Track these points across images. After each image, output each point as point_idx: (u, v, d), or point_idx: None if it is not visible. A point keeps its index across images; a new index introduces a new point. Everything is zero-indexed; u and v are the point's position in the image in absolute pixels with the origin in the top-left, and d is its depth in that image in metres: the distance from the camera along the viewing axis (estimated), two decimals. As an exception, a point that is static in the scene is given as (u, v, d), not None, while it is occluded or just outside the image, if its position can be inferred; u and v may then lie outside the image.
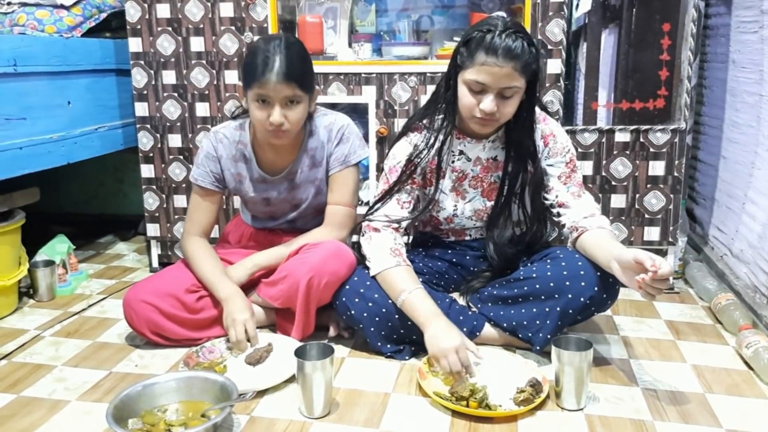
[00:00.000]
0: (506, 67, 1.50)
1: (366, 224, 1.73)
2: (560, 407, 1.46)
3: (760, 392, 1.54)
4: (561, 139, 1.72)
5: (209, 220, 1.86)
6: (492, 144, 1.73)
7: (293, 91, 1.65)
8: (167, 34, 2.24)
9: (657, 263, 1.33)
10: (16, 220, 2.02)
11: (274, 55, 1.63)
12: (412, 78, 2.16)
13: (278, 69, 1.62)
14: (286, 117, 1.67)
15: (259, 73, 1.63)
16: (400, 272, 1.64)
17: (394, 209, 1.72)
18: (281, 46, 1.65)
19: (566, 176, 1.71)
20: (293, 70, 1.64)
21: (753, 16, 2.07)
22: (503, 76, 1.51)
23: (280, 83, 1.63)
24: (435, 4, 2.48)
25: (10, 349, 1.79)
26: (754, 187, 2.05)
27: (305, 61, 1.71)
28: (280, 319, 1.83)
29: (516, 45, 1.50)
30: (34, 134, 2.06)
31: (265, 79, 1.62)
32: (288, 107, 1.67)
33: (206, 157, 1.83)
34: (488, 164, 1.74)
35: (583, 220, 1.65)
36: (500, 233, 1.75)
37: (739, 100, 2.20)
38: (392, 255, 1.66)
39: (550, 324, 1.62)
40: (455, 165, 1.75)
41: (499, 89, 1.54)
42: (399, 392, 1.54)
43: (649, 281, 1.34)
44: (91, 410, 1.47)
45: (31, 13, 2.29)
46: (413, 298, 1.59)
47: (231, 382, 1.41)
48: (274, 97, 1.65)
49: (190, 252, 1.81)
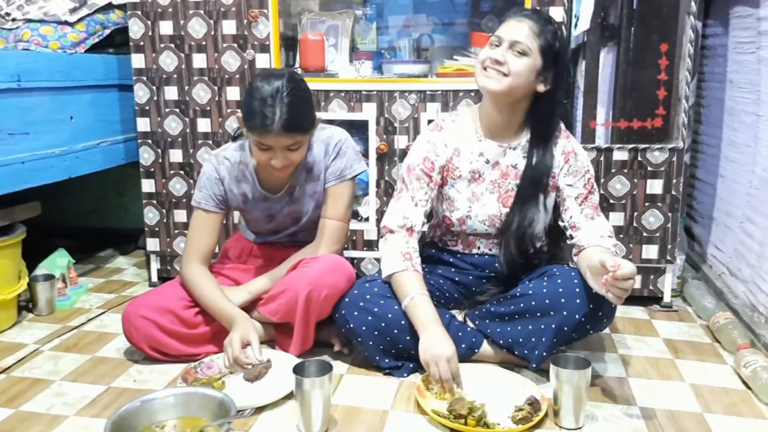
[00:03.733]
0: (522, 23, 1.62)
1: (383, 225, 1.74)
2: (558, 426, 1.46)
3: (759, 412, 1.54)
4: (581, 158, 1.73)
5: (211, 245, 1.84)
6: (513, 151, 1.73)
7: (294, 139, 1.66)
8: (170, 51, 2.27)
9: (617, 263, 1.37)
10: (17, 235, 2.02)
11: (275, 107, 1.60)
12: (412, 95, 2.17)
13: (278, 120, 1.60)
14: (288, 158, 1.68)
15: (259, 124, 1.61)
16: (408, 277, 1.65)
17: (408, 207, 1.72)
18: (281, 93, 1.61)
19: (583, 198, 1.71)
20: (294, 122, 1.63)
21: (750, 36, 2.09)
22: (517, 29, 1.61)
23: (282, 135, 1.63)
24: (435, 22, 2.51)
25: (8, 364, 1.79)
26: (752, 206, 2.06)
27: (306, 105, 1.69)
28: (278, 335, 1.83)
29: (536, 15, 1.65)
30: (37, 149, 2.07)
31: (266, 131, 1.62)
32: (290, 151, 1.68)
33: (208, 179, 1.82)
34: (507, 170, 1.74)
35: (587, 240, 1.65)
36: (512, 240, 1.72)
37: (736, 120, 2.22)
38: (403, 259, 1.67)
39: (546, 341, 1.62)
40: (473, 166, 1.75)
41: (510, 41, 1.60)
42: (397, 410, 1.54)
43: (611, 281, 1.38)
44: (90, 425, 1.47)
45: (35, 29, 2.32)
46: (415, 302, 1.61)
47: (229, 399, 1.41)
48: (276, 146, 1.65)
49: (192, 280, 1.78)
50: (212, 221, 1.84)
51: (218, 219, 1.85)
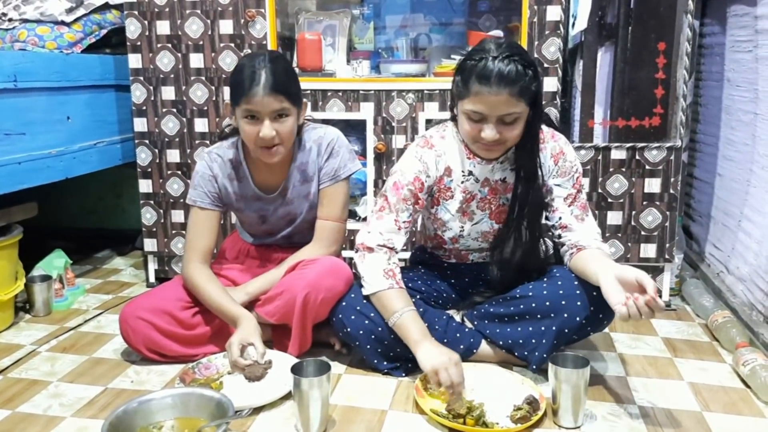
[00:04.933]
0: (502, 93, 1.46)
1: (360, 242, 1.69)
2: (557, 425, 1.45)
3: (758, 411, 1.53)
4: (569, 157, 1.69)
5: (210, 243, 1.83)
6: (501, 165, 1.69)
7: (281, 104, 1.66)
8: (167, 51, 2.26)
9: (655, 295, 1.34)
10: (14, 235, 2.02)
11: (260, 69, 1.64)
12: (409, 95, 2.17)
13: (265, 83, 1.63)
14: (277, 131, 1.67)
15: (246, 88, 1.64)
16: (392, 294, 1.62)
17: (390, 229, 1.67)
18: (265, 60, 1.66)
19: (572, 198, 1.68)
20: (280, 83, 1.65)
21: (747, 35, 2.09)
22: (500, 103, 1.47)
23: (268, 96, 1.64)
24: (433, 22, 2.50)
25: (5, 365, 1.78)
26: (750, 204, 2.06)
27: (291, 74, 1.73)
28: (276, 335, 1.82)
29: (510, 69, 1.45)
30: (34, 149, 2.06)
31: (253, 93, 1.63)
32: (277, 121, 1.68)
33: (202, 177, 1.82)
34: (496, 186, 1.71)
35: (584, 241, 1.64)
36: (505, 256, 1.70)
37: (734, 119, 2.22)
38: (385, 277, 1.63)
39: (546, 343, 1.61)
40: (464, 185, 1.71)
41: (498, 117, 1.50)
42: (396, 409, 1.54)
43: (642, 303, 1.35)
44: (87, 427, 1.47)
45: (32, 30, 2.31)
46: (404, 320, 1.59)
47: (227, 399, 1.41)
48: (263, 112, 1.65)
49: (196, 282, 1.77)
50: (209, 219, 1.83)
51: (215, 217, 1.85)
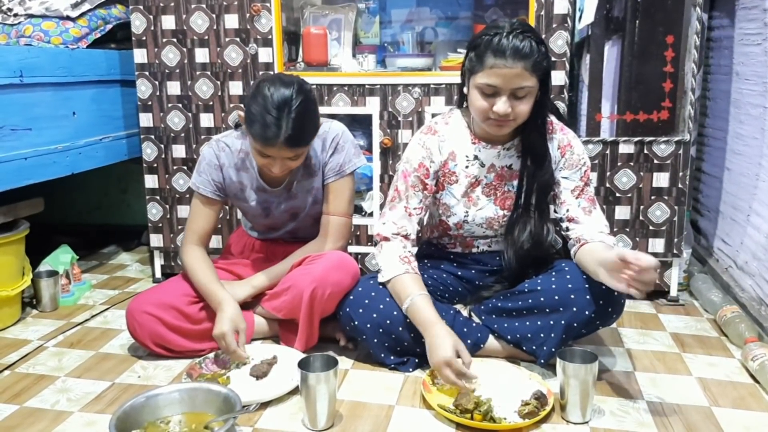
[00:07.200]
0: (516, 67, 1.49)
1: (376, 233, 1.72)
2: (565, 420, 1.45)
3: (767, 406, 1.52)
4: (578, 151, 1.70)
5: (208, 228, 1.85)
6: (507, 152, 1.70)
7: (296, 153, 1.66)
8: (172, 46, 2.26)
9: (639, 256, 1.33)
10: (20, 231, 2.02)
11: (281, 120, 1.58)
12: (415, 89, 2.16)
13: (283, 137, 1.59)
14: (288, 166, 1.69)
15: (263, 135, 1.60)
16: (407, 279, 1.63)
17: (402, 216, 1.70)
18: (290, 107, 1.59)
19: (579, 190, 1.68)
20: (299, 138, 1.62)
21: (756, 28, 2.08)
22: (514, 76, 1.50)
23: (285, 149, 1.62)
24: (439, 15, 2.49)
25: (13, 360, 1.79)
26: (759, 198, 2.05)
27: (312, 120, 1.66)
28: (283, 330, 1.82)
29: (524, 44, 1.49)
30: (39, 145, 2.07)
31: (269, 144, 1.61)
32: (290, 161, 1.68)
33: (208, 165, 1.82)
34: (502, 172, 1.72)
35: (589, 234, 1.63)
36: (518, 241, 1.70)
37: (743, 112, 2.20)
38: (401, 263, 1.65)
39: (555, 338, 1.61)
40: (468, 170, 1.72)
41: (511, 90, 1.52)
42: (403, 405, 1.53)
43: (635, 275, 1.33)
44: (94, 421, 1.47)
45: (37, 25, 2.31)
46: (417, 303, 1.59)
47: (234, 394, 1.40)
48: (277, 156, 1.65)
49: (188, 261, 1.80)
50: (211, 206, 1.84)
51: (217, 205, 1.85)
